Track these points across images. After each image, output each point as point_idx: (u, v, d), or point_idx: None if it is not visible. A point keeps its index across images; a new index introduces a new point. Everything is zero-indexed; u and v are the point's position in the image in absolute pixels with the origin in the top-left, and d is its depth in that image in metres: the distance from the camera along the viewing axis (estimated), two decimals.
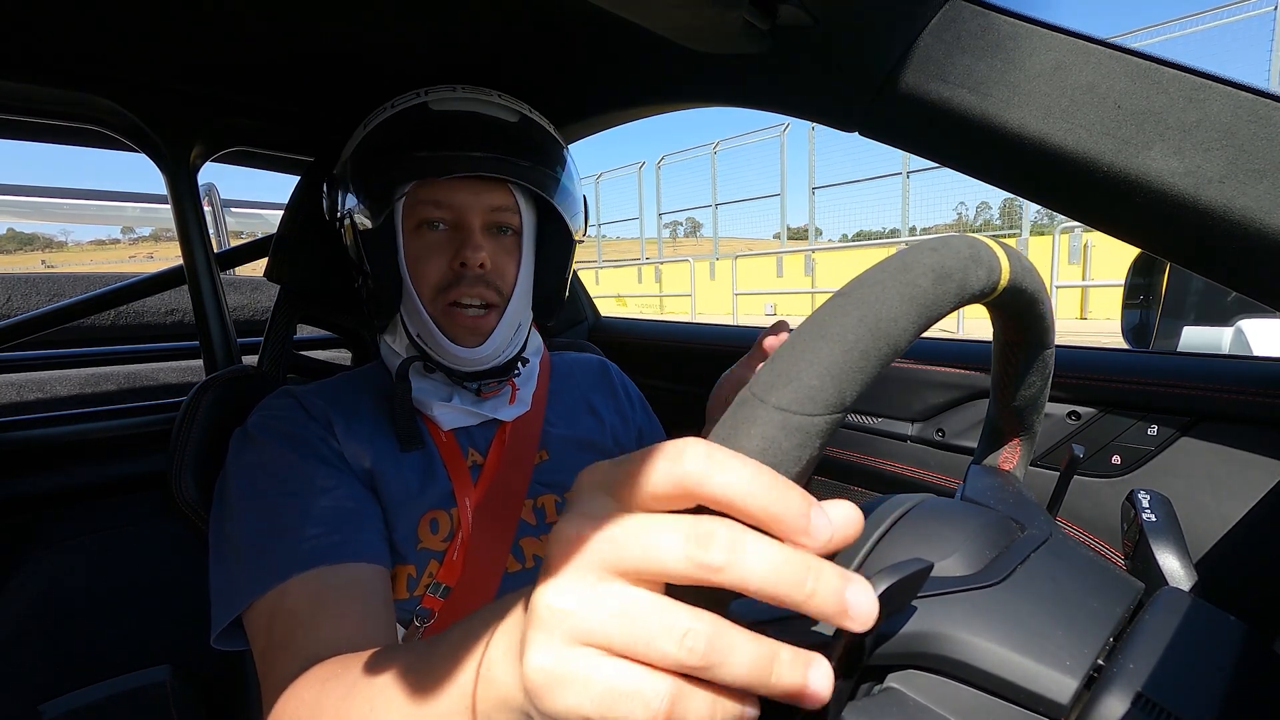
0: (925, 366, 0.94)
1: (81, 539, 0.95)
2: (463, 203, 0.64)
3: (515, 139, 0.66)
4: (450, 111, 0.65)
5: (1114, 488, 0.77)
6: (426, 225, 0.65)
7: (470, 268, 0.64)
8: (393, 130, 0.65)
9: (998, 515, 0.40)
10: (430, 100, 0.65)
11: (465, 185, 0.64)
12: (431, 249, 0.65)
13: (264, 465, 0.60)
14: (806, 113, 0.63)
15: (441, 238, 0.65)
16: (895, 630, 0.30)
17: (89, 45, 0.74)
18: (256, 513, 0.58)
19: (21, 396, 1.14)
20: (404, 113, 0.65)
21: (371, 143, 0.66)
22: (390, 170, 0.64)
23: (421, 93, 0.67)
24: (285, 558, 0.53)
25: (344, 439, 0.65)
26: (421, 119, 0.64)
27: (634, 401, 0.88)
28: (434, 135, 0.63)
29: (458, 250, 0.64)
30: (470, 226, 0.65)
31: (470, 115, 0.65)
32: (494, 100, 0.67)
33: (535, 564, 0.67)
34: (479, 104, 0.66)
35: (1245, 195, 0.38)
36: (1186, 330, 1.29)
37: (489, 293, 0.66)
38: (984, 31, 0.46)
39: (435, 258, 0.65)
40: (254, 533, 0.56)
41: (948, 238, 0.33)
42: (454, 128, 0.64)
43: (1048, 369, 0.45)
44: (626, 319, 1.53)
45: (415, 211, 0.65)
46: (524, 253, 0.69)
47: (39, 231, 43.54)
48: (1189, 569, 0.37)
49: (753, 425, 0.26)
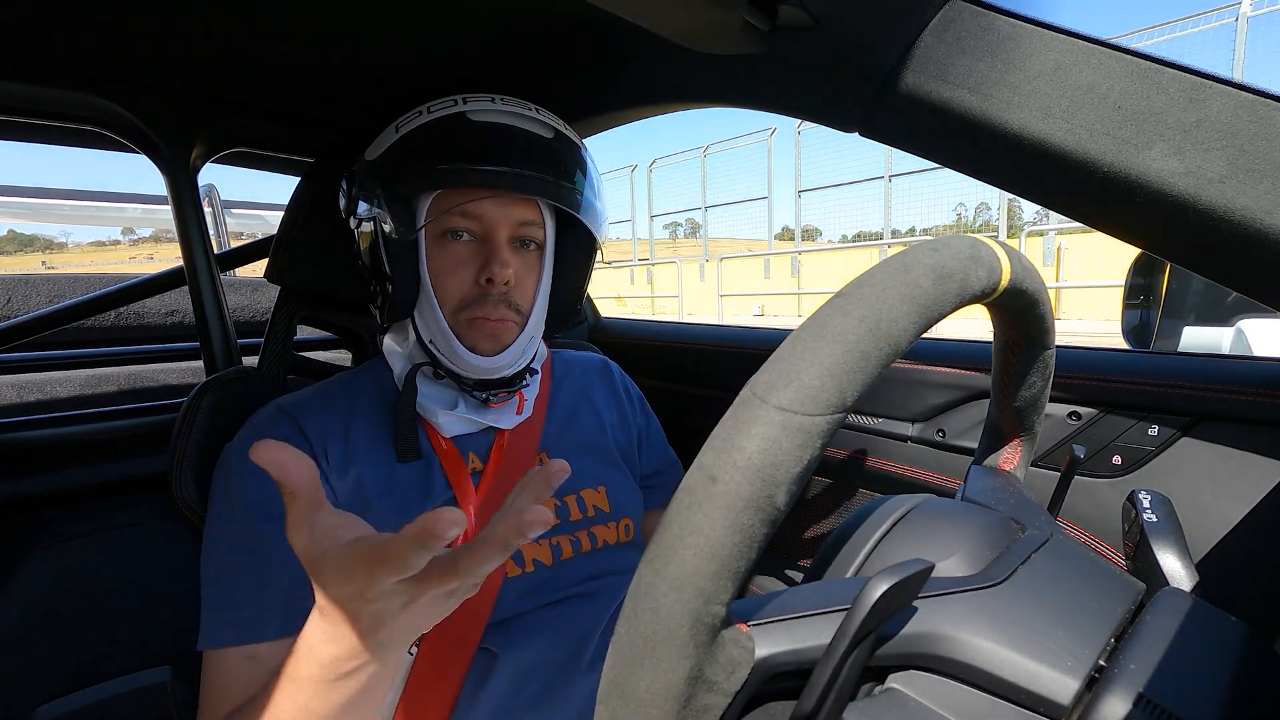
0: (925, 367, 0.94)
1: (81, 540, 0.95)
2: (492, 216, 0.64)
3: (549, 155, 0.65)
4: (489, 124, 0.64)
5: (1114, 488, 0.77)
6: (451, 235, 0.65)
7: (496, 284, 0.64)
8: (428, 137, 0.64)
9: (998, 516, 0.40)
10: (469, 110, 0.64)
11: (494, 198, 0.64)
12: (457, 261, 0.65)
13: (231, 512, 0.61)
14: (806, 113, 0.63)
15: (466, 250, 0.65)
16: (896, 631, 0.30)
17: (89, 45, 0.74)
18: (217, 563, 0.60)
19: (22, 397, 1.14)
20: (441, 120, 0.65)
21: (405, 147, 0.65)
22: (423, 177, 0.63)
23: (459, 100, 0.66)
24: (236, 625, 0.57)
25: (337, 462, 0.64)
26: (459, 129, 0.64)
27: (634, 402, 0.88)
28: (471, 146, 0.63)
29: (484, 264, 0.64)
30: (498, 241, 0.64)
31: (508, 129, 0.64)
32: (531, 114, 0.66)
33: (535, 568, 0.67)
34: (517, 118, 0.65)
35: (1245, 195, 0.38)
36: (1186, 330, 1.29)
37: (509, 312, 0.66)
38: (984, 32, 0.46)
39: (460, 270, 0.65)
40: (211, 584, 0.59)
41: (948, 238, 0.33)
42: (492, 140, 0.64)
43: (1048, 369, 0.45)
44: (626, 319, 1.53)
45: (442, 220, 0.64)
46: (545, 266, 0.69)
47: (39, 233, 43.55)
48: (1190, 569, 0.37)
49: (754, 425, 0.26)
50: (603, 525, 0.73)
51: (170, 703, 0.92)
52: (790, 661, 0.29)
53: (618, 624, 0.28)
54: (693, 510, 0.26)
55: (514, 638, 0.64)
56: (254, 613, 0.57)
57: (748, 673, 0.28)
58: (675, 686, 0.26)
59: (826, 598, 0.31)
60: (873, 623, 0.27)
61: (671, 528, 0.27)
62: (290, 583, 0.58)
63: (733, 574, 0.26)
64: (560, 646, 0.65)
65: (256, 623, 0.57)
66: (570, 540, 0.71)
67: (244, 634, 0.57)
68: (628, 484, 0.79)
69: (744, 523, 0.26)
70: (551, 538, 0.70)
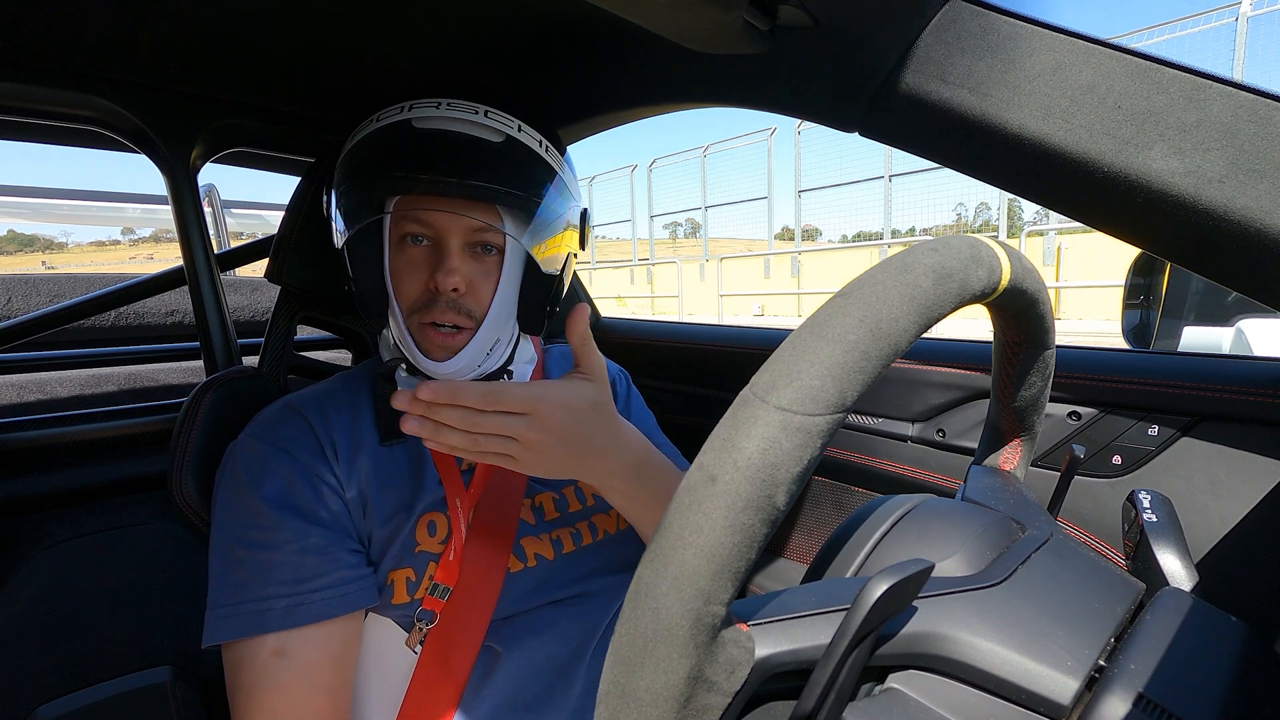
0: (925, 367, 0.94)
1: (82, 540, 0.95)
2: (443, 223, 0.64)
3: (497, 160, 0.64)
4: (431, 130, 0.64)
5: (1115, 488, 0.77)
6: (410, 239, 0.65)
7: (443, 292, 0.63)
8: (375, 145, 0.65)
9: (998, 516, 0.40)
10: (414, 117, 0.64)
11: (447, 204, 0.63)
12: (412, 265, 0.65)
13: (238, 507, 0.62)
14: (806, 113, 0.63)
15: (422, 254, 0.65)
16: (896, 631, 0.30)
17: (89, 46, 0.74)
18: (224, 556, 0.61)
19: (22, 397, 1.14)
20: (387, 128, 0.65)
21: (357, 156, 0.66)
22: (371, 185, 0.64)
23: (406, 108, 0.65)
24: (241, 617, 0.58)
25: (344, 455, 0.65)
26: (403, 136, 0.64)
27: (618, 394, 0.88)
28: (414, 154, 0.62)
29: (434, 270, 0.64)
30: (448, 247, 0.64)
31: (451, 135, 0.63)
32: (479, 120, 0.65)
33: (537, 563, 0.67)
34: (462, 123, 0.64)
35: (1245, 195, 0.38)
36: (1186, 330, 1.29)
37: (460, 318, 0.65)
38: (984, 32, 0.46)
39: (414, 275, 0.65)
40: (220, 578, 0.60)
41: (948, 238, 0.33)
42: (434, 147, 0.63)
43: (1048, 369, 0.45)
44: (626, 319, 1.53)
45: (399, 225, 0.65)
46: (505, 270, 0.67)
47: (39, 233, 43.52)
48: (1190, 569, 0.37)
49: (754, 425, 0.27)
50: (603, 514, 0.74)
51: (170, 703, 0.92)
52: (790, 661, 0.29)
53: (618, 624, 0.28)
54: (693, 510, 0.26)
55: (517, 636, 0.64)
56: (256, 605, 0.58)
57: (748, 673, 0.28)
58: (675, 686, 0.26)
59: (826, 598, 0.31)
60: (873, 623, 0.27)
61: (672, 528, 0.27)
62: (295, 576, 0.59)
63: (733, 574, 0.26)
64: (562, 647, 0.65)
65: (258, 615, 0.57)
66: (570, 533, 0.71)
67: (249, 626, 0.57)
68: None
69: (744, 523, 0.26)
70: (552, 531, 0.70)
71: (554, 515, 0.72)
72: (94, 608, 0.93)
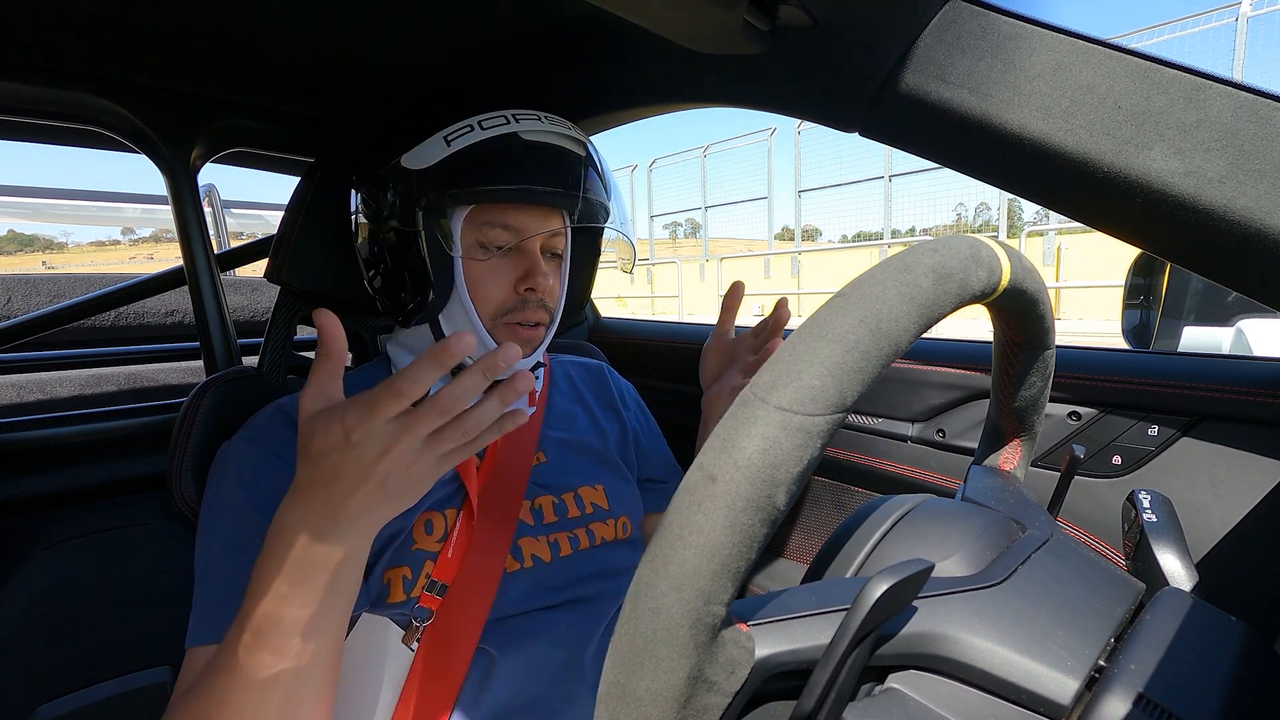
0: (925, 367, 0.94)
1: (82, 540, 0.95)
2: (529, 229, 0.68)
3: (583, 172, 0.69)
4: (540, 143, 0.67)
5: (1115, 488, 0.77)
6: (486, 246, 0.67)
7: (538, 293, 0.68)
8: (482, 153, 0.66)
9: (998, 516, 0.40)
10: (521, 130, 0.67)
11: (530, 211, 0.67)
12: (494, 271, 0.68)
13: (224, 511, 0.62)
14: (807, 113, 0.63)
15: (502, 260, 0.68)
16: (896, 631, 0.30)
17: (89, 46, 0.74)
18: (209, 557, 0.60)
19: (21, 397, 1.14)
20: (495, 139, 0.67)
21: (459, 161, 0.66)
22: (476, 192, 0.66)
23: (511, 118, 0.68)
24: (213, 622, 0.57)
25: None
26: (512, 147, 0.67)
27: (630, 404, 0.89)
28: (524, 165, 0.66)
29: (523, 275, 0.68)
30: (534, 253, 0.69)
31: (554, 148, 0.68)
32: (570, 133, 0.69)
33: (534, 564, 0.67)
34: (560, 137, 0.69)
35: (1245, 195, 0.38)
36: (1186, 330, 1.29)
37: (544, 314, 0.70)
38: (984, 32, 0.46)
39: (498, 280, 0.68)
40: (204, 579, 0.60)
41: (948, 238, 0.33)
42: (543, 159, 0.67)
43: (1048, 369, 0.45)
44: (626, 319, 1.53)
45: (478, 231, 0.67)
46: (564, 271, 0.74)
47: (39, 233, 43.51)
48: (1190, 569, 0.37)
49: (754, 425, 0.27)
50: (601, 523, 0.74)
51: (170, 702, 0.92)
52: (790, 661, 0.29)
53: (618, 624, 0.28)
54: (693, 510, 0.26)
55: (513, 639, 0.64)
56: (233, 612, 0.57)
57: (748, 673, 0.28)
58: (675, 686, 0.26)
59: (826, 598, 0.31)
60: (873, 623, 0.27)
61: (671, 528, 0.27)
62: None
63: (733, 574, 0.26)
64: (559, 650, 0.65)
65: None
66: (569, 538, 0.71)
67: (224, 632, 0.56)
68: (625, 484, 0.79)
69: (744, 523, 0.26)
70: (550, 535, 0.70)
71: (552, 519, 0.72)
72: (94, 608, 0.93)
